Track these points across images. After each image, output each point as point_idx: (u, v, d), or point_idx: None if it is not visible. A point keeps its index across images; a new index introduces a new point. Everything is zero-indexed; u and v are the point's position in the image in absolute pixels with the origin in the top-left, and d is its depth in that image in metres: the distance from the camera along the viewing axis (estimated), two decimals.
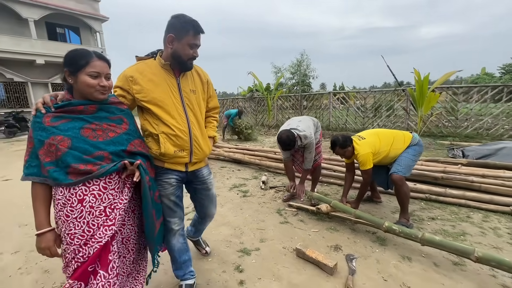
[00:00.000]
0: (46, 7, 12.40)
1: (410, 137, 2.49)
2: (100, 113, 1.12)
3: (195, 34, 1.31)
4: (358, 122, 8.75)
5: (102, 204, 1.07)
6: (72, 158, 0.99)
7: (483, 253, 1.63)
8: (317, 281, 1.75)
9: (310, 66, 20.70)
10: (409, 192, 2.38)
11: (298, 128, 2.63)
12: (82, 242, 1.03)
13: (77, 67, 1.04)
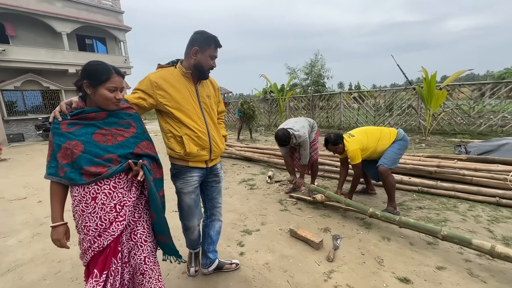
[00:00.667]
0: (77, 21, 13.61)
1: (395, 133, 2.75)
2: (110, 118, 1.21)
3: (216, 47, 1.52)
4: (369, 121, 8.83)
5: (112, 201, 1.16)
6: (85, 161, 1.10)
7: (448, 232, 1.89)
8: (304, 254, 2.09)
9: (324, 66, 20.71)
10: (394, 182, 2.64)
11: (293, 128, 2.97)
12: (96, 234, 1.14)
13: (99, 81, 1.13)
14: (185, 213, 1.70)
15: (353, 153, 2.68)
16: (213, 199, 1.83)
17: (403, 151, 2.75)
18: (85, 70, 1.15)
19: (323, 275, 1.82)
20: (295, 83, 22.19)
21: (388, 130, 2.80)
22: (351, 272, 1.84)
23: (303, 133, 2.96)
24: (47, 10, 12.58)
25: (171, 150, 1.59)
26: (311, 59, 20.97)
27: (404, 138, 2.75)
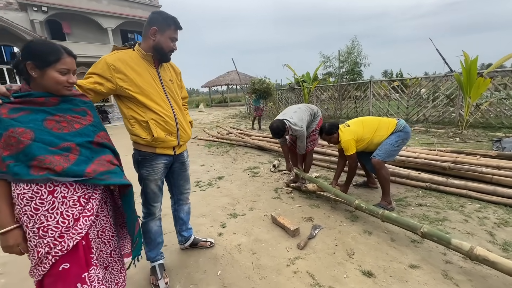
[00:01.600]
0: (121, 17, 14.82)
1: (394, 123, 2.57)
2: (63, 105, 1.07)
3: (176, 29, 1.47)
4: (401, 112, 8.14)
5: (75, 194, 1.03)
6: (38, 149, 0.95)
7: (428, 229, 1.76)
8: (278, 240, 2.14)
9: (361, 53, 19.32)
10: (388, 176, 2.50)
11: (290, 119, 2.83)
12: (57, 235, 0.98)
13: (47, 62, 0.99)
14: (150, 198, 1.67)
15: (347, 144, 2.58)
16: (180, 186, 1.86)
17: (402, 143, 2.56)
18: (28, 49, 0.99)
19: (288, 261, 1.86)
20: (329, 72, 21.22)
21: (387, 121, 2.63)
22: (317, 261, 1.84)
23: (300, 126, 2.82)
24: (95, 8, 13.90)
25: (136, 137, 1.51)
26: (347, 46, 19.73)
27: (404, 129, 2.55)
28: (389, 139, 2.53)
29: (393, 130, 2.54)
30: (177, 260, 1.96)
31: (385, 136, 2.55)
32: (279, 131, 2.75)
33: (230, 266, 1.85)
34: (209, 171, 4.26)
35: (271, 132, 2.85)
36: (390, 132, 2.55)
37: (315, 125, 3.09)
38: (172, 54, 1.60)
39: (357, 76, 19.32)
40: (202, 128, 8.71)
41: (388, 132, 2.55)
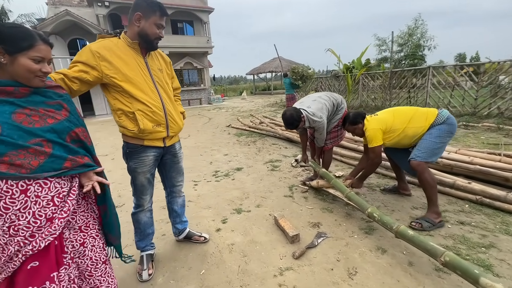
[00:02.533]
0: (171, 7, 15.55)
1: (434, 114, 2.10)
2: (34, 97, 0.99)
3: (161, 15, 1.42)
4: (467, 104, 6.79)
5: (49, 193, 0.99)
6: (5, 145, 0.88)
7: (451, 258, 1.37)
8: (274, 244, 1.96)
9: (425, 34, 16.65)
10: (433, 181, 2.05)
11: (307, 109, 2.48)
12: (28, 234, 0.95)
13: (18, 48, 0.92)
14: (139, 190, 1.65)
15: (371, 133, 2.19)
16: (172, 178, 1.82)
17: (446, 138, 2.07)
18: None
19: (277, 270, 1.68)
20: (385, 56, 18.99)
21: (425, 111, 2.16)
22: (309, 276, 1.62)
23: (319, 117, 2.45)
24: None
25: (123, 128, 1.48)
26: (409, 27, 17.24)
27: (448, 121, 2.06)
28: (428, 134, 2.08)
29: (432, 122, 2.07)
30: (169, 252, 1.96)
31: (422, 128, 2.10)
32: (293, 121, 2.39)
33: (216, 267, 1.76)
34: (231, 161, 4.22)
35: (283, 122, 2.49)
36: (429, 123, 2.08)
37: (339, 118, 2.67)
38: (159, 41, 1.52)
39: (419, 61, 16.89)
40: (237, 117, 8.74)
41: (427, 124, 2.09)
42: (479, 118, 6.22)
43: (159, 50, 1.64)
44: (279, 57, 13.80)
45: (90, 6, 14.19)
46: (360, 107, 9.71)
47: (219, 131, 7.08)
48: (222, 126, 7.85)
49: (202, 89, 17.75)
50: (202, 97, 17.58)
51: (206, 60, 17.78)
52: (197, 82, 17.89)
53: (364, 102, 9.69)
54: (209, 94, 18.20)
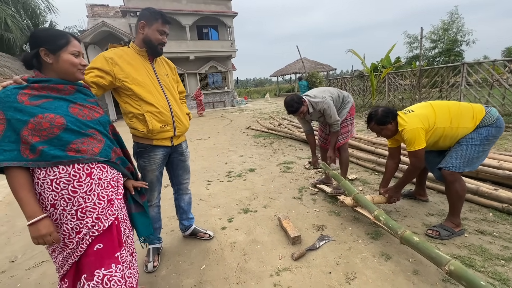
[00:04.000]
0: (196, 14, 16.20)
1: (482, 112, 1.81)
2: (78, 94, 1.10)
3: (163, 22, 1.54)
4: (508, 104, 6.15)
5: (108, 176, 1.10)
6: (72, 134, 1.00)
7: (457, 267, 1.28)
8: (275, 245, 1.97)
9: (462, 29, 15.35)
10: (463, 192, 1.86)
11: (310, 95, 2.50)
12: (94, 215, 1.03)
13: (58, 45, 1.00)
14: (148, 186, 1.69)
15: (412, 134, 1.83)
16: (179, 176, 1.93)
17: (490, 145, 1.83)
18: (37, 37, 1.00)
19: (274, 270, 1.69)
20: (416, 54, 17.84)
21: (470, 107, 1.85)
22: (305, 278, 1.61)
23: (321, 97, 2.43)
24: (176, 8, 15.60)
25: (134, 130, 1.61)
26: (443, 21, 16.04)
27: (496, 123, 1.79)
28: (470, 139, 1.81)
29: (478, 122, 1.80)
30: (175, 246, 2.06)
31: (468, 129, 1.82)
32: (293, 102, 2.38)
33: (216, 263, 1.82)
34: (245, 162, 4.29)
35: (285, 107, 2.47)
36: (475, 124, 1.80)
37: (346, 113, 2.63)
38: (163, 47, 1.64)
39: (456, 57, 15.62)
40: (256, 119, 8.81)
41: (473, 125, 1.80)
42: None
43: (164, 57, 1.77)
44: (301, 59, 13.64)
45: (124, 16, 15.30)
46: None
47: (238, 133, 7.20)
48: (242, 128, 7.98)
49: (226, 92, 18.16)
50: (225, 99, 17.97)
51: (230, 63, 18.17)
52: (221, 85, 18.35)
53: (391, 103, 9.20)
54: (233, 96, 18.55)
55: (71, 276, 1.06)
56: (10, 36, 11.89)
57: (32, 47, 1.01)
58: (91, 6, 16.22)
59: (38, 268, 1.93)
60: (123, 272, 1.10)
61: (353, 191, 2.18)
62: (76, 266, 1.06)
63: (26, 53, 1.03)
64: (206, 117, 12.22)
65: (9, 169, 0.94)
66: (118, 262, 1.08)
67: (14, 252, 2.16)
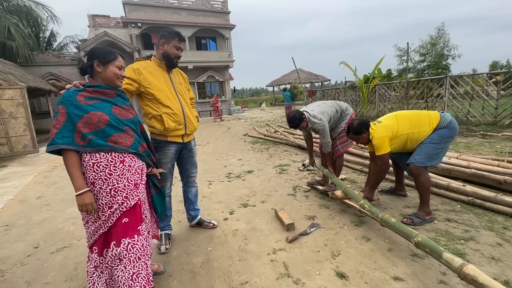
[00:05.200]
0: (195, 26, 16.80)
1: (437, 118, 2.20)
2: (118, 98, 1.40)
3: (179, 40, 1.91)
4: (487, 113, 6.63)
5: (136, 164, 1.37)
6: (113, 128, 1.28)
7: (422, 238, 1.58)
8: (272, 231, 2.25)
9: (448, 44, 16.23)
10: (428, 183, 2.20)
11: (310, 111, 2.76)
12: (124, 194, 1.28)
13: (108, 60, 1.32)
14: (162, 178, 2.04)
15: (379, 141, 2.23)
16: (187, 170, 2.22)
17: (447, 143, 2.20)
18: (94, 53, 1.34)
19: (271, 250, 1.97)
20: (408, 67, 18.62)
21: (427, 114, 2.25)
22: (298, 255, 1.89)
23: (319, 119, 2.70)
24: (177, 20, 16.16)
25: (152, 128, 1.93)
26: (431, 36, 16.93)
27: (450, 125, 2.16)
28: (429, 139, 2.19)
29: (435, 125, 2.18)
30: (183, 234, 2.32)
31: (427, 132, 2.20)
32: (295, 119, 2.69)
33: (220, 246, 2.09)
34: (243, 165, 4.58)
35: (287, 121, 2.78)
36: (432, 128, 2.19)
37: (344, 124, 2.87)
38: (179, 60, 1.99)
39: (443, 70, 16.39)
40: (253, 126, 9.15)
41: (431, 128, 2.19)
42: (501, 128, 6.06)
43: (178, 69, 2.12)
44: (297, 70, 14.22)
45: (125, 27, 15.75)
46: (377, 116, 9.69)
47: (236, 139, 7.51)
48: (239, 135, 8.30)
49: (223, 101, 18.56)
50: (223, 108, 18.34)
51: (227, 73, 18.69)
52: (218, 94, 18.77)
53: (381, 112, 9.68)
54: (230, 105, 18.97)
55: (100, 243, 1.32)
56: (13, 44, 12.18)
57: (88, 59, 1.34)
58: (92, 16, 16.66)
59: (60, 252, 2.17)
60: (143, 242, 1.36)
61: (343, 185, 2.50)
62: (105, 236, 1.30)
63: (84, 63, 1.37)
64: (204, 124, 12.52)
65: (65, 151, 1.22)
66: (139, 233, 1.35)
67: (35, 241, 2.39)
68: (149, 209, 1.60)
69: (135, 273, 1.30)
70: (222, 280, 1.69)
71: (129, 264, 1.30)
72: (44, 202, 3.39)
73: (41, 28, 16.39)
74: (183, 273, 1.78)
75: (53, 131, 1.20)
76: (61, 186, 4.07)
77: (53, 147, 1.19)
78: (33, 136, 7.43)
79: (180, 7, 16.33)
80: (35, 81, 9.93)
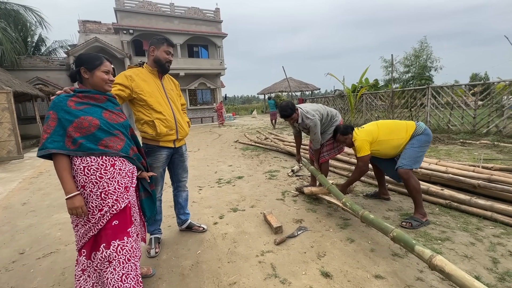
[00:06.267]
0: (188, 34, 16.98)
1: (413, 126, 2.43)
2: (109, 103, 1.43)
3: (168, 45, 1.96)
4: (466, 122, 6.98)
5: (126, 168, 1.40)
6: (103, 133, 1.31)
7: (398, 233, 1.69)
8: (261, 234, 2.31)
9: (431, 56, 17.06)
10: (418, 185, 2.34)
11: (303, 108, 2.86)
12: (114, 197, 1.30)
13: (94, 65, 1.34)
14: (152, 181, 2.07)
15: (360, 144, 2.47)
16: (178, 175, 2.26)
17: (425, 147, 2.41)
18: (80, 59, 1.36)
19: (259, 252, 2.03)
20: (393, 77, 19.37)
21: (405, 123, 2.48)
22: (285, 256, 1.95)
23: (312, 115, 2.77)
24: (169, 27, 16.29)
25: (144, 133, 1.97)
26: (415, 49, 17.75)
27: (425, 132, 2.40)
28: (410, 144, 2.39)
29: (412, 133, 2.40)
30: (172, 238, 2.35)
31: (404, 139, 2.41)
32: (287, 108, 2.75)
33: (210, 249, 2.13)
34: (234, 171, 4.64)
35: (279, 110, 2.82)
36: (409, 135, 2.40)
37: (332, 129, 2.93)
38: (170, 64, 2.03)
39: (426, 81, 17.14)
40: (244, 133, 9.24)
41: (408, 135, 2.41)
42: (479, 136, 6.39)
43: (170, 75, 2.19)
44: (287, 78, 14.51)
45: (117, 33, 15.73)
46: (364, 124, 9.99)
47: (226, 146, 7.57)
48: (230, 142, 8.36)
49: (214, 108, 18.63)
50: (214, 115, 18.41)
51: (219, 80, 18.84)
52: (209, 101, 18.86)
53: (368, 120, 9.99)
54: None
55: (89, 246, 1.34)
56: (0, 48, 11.93)
57: (76, 66, 1.37)
58: (83, 22, 16.58)
59: (47, 257, 2.15)
60: (132, 244, 1.39)
61: (327, 183, 2.61)
62: (94, 238, 1.32)
63: (72, 70, 1.41)
64: (194, 131, 12.52)
65: (56, 155, 1.24)
66: (129, 235, 1.38)
67: (21, 246, 2.36)
68: (138, 212, 1.64)
69: (124, 274, 1.33)
70: (211, 281, 1.73)
71: (119, 266, 1.32)
72: (29, 208, 3.33)
73: (29, 33, 16.12)
74: (172, 276, 1.81)
75: (44, 136, 1.23)
76: (47, 192, 4.00)
77: (44, 152, 1.22)
78: (18, 142, 7.25)
79: (172, 15, 16.50)
80: (21, 86, 9.73)
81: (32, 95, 10.26)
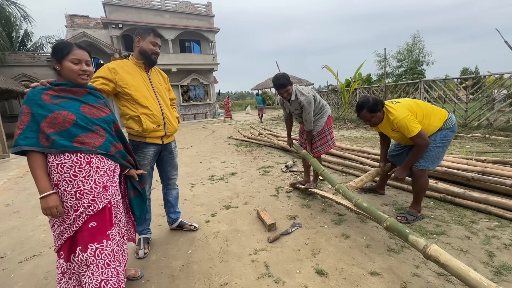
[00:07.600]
0: (179, 28, 16.62)
1: (445, 116, 2.16)
2: (89, 96, 1.32)
3: (155, 35, 1.83)
4: (458, 115, 7.04)
5: (105, 166, 1.28)
6: (79, 128, 1.21)
7: (391, 222, 1.67)
8: (254, 232, 2.25)
9: (423, 50, 17.16)
10: (426, 185, 2.24)
11: (299, 87, 2.76)
12: (90, 197, 1.21)
13: (62, 55, 1.21)
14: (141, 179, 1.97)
15: (405, 122, 2.01)
16: (168, 172, 2.16)
17: (447, 145, 2.20)
18: (52, 50, 1.25)
19: (252, 251, 1.97)
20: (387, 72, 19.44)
21: (439, 110, 2.19)
22: (279, 255, 1.90)
23: (306, 92, 2.69)
24: (159, 22, 15.92)
25: (130, 129, 1.86)
26: (407, 43, 17.81)
27: (453, 128, 2.17)
28: (433, 140, 2.13)
29: (442, 124, 2.14)
30: (162, 237, 2.27)
31: (436, 128, 2.13)
32: (284, 79, 2.60)
33: (201, 248, 2.06)
34: (227, 167, 4.56)
35: (273, 81, 2.67)
36: (441, 125, 2.13)
37: (323, 123, 2.85)
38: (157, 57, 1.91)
39: (418, 75, 17.27)
40: (238, 129, 9.14)
41: (440, 124, 2.13)
42: (470, 129, 6.45)
43: (158, 68, 2.06)
44: None
45: (105, 28, 15.30)
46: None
47: (220, 142, 7.47)
48: (223, 138, 8.26)
49: (207, 104, 18.45)
50: (207, 111, 18.23)
51: (212, 76, 18.60)
52: (203, 97, 18.63)
53: None
54: (215, 108, 18.86)
55: (66, 248, 1.25)
56: None
57: (51, 57, 1.28)
58: (70, 16, 16.06)
59: (30, 261, 2.04)
60: (112, 248, 1.30)
61: (320, 168, 2.58)
62: (71, 240, 1.23)
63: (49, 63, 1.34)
64: (187, 127, 12.35)
65: (29, 152, 1.16)
66: (108, 238, 1.28)
67: (2, 250, 2.24)
68: (125, 212, 1.55)
69: (103, 280, 1.25)
70: (202, 282, 1.66)
71: (97, 271, 1.24)
72: (13, 210, 3.19)
73: (13, 28, 15.56)
74: (161, 277, 1.74)
75: (17, 132, 1.15)
76: (32, 192, 3.85)
77: (16, 149, 1.14)
78: (3, 141, 6.99)
79: (163, 9, 16.12)
80: (6, 83, 9.36)
81: (17, 92, 9.91)
